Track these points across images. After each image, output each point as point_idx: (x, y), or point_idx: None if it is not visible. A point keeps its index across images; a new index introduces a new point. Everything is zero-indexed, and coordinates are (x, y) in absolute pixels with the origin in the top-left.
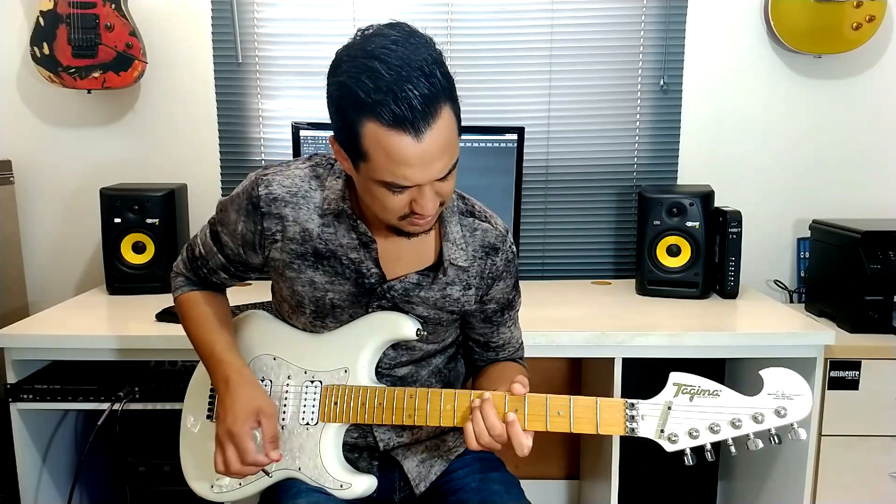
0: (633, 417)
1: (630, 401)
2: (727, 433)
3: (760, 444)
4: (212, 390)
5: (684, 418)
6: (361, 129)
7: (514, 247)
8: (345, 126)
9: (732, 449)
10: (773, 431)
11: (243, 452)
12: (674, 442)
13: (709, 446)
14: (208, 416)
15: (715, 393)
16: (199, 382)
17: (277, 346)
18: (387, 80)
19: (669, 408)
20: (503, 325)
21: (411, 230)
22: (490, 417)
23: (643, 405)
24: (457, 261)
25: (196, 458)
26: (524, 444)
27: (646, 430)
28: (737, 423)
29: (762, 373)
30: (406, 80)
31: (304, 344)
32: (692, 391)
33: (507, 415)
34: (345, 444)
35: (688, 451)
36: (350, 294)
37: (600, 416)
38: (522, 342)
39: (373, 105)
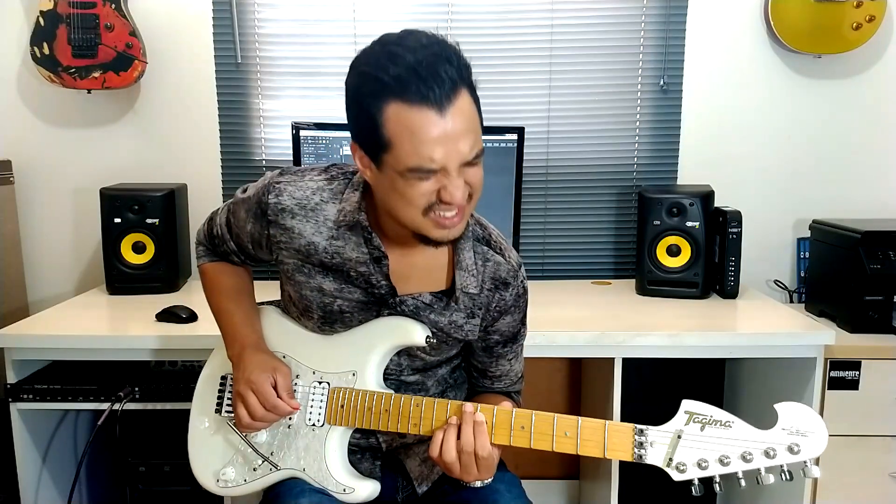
0: (641, 444)
1: (639, 426)
2: (737, 466)
3: (772, 479)
4: (220, 385)
5: (694, 448)
6: (383, 114)
7: (525, 282)
8: (365, 119)
9: (742, 482)
10: (784, 467)
11: (264, 395)
12: (682, 472)
13: (717, 478)
14: (216, 410)
15: (727, 424)
16: (208, 380)
17: (288, 344)
18: (408, 61)
19: (679, 436)
20: (503, 357)
21: (438, 233)
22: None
23: (652, 432)
24: (468, 287)
25: (203, 452)
26: (486, 446)
27: (654, 457)
28: (748, 457)
29: (777, 406)
30: (427, 60)
31: (315, 344)
32: (704, 420)
33: (477, 414)
34: (349, 446)
35: (696, 482)
36: (359, 302)
37: (608, 440)
38: (522, 375)
39: (394, 84)
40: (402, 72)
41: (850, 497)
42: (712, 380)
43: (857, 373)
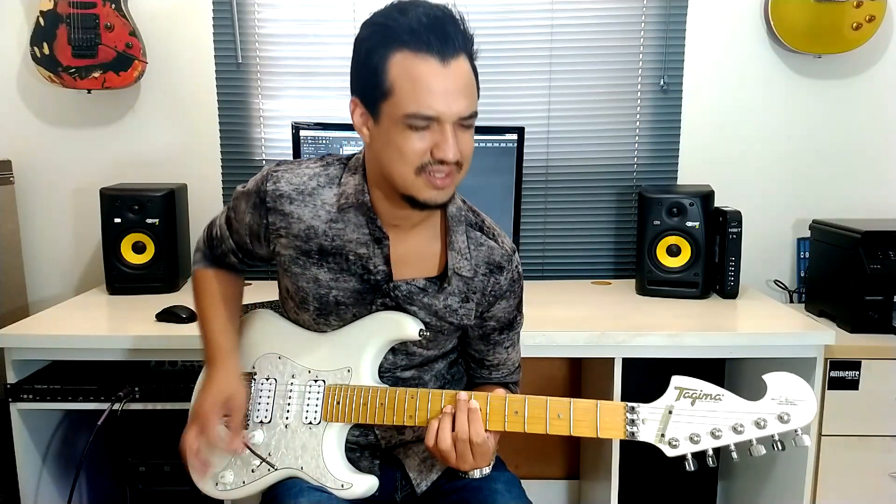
0: (633, 421)
1: (630, 404)
2: (729, 439)
3: (763, 451)
4: None
5: (685, 423)
6: (388, 62)
7: (520, 267)
8: (369, 68)
9: (734, 455)
10: (776, 437)
11: (208, 436)
12: (674, 447)
13: (710, 452)
14: None
15: (717, 397)
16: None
17: (283, 344)
18: (418, 12)
19: (670, 412)
20: (500, 345)
21: (427, 193)
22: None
23: (644, 409)
24: (461, 270)
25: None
26: (481, 433)
27: (646, 434)
28: (739, 429)
29: (765, 377)
30: (436, 16)
31: (309, 343)
32: (694, 395)
33: (471, 402)
34: (347, 443)
35: (689, 457)
36: (355, 291)
37: (600, 419)
38: (520, 365)
39: (403, 33)
40: (413, 22)
41: (850, 497)
42: (712, 380)
43: (857, 373)
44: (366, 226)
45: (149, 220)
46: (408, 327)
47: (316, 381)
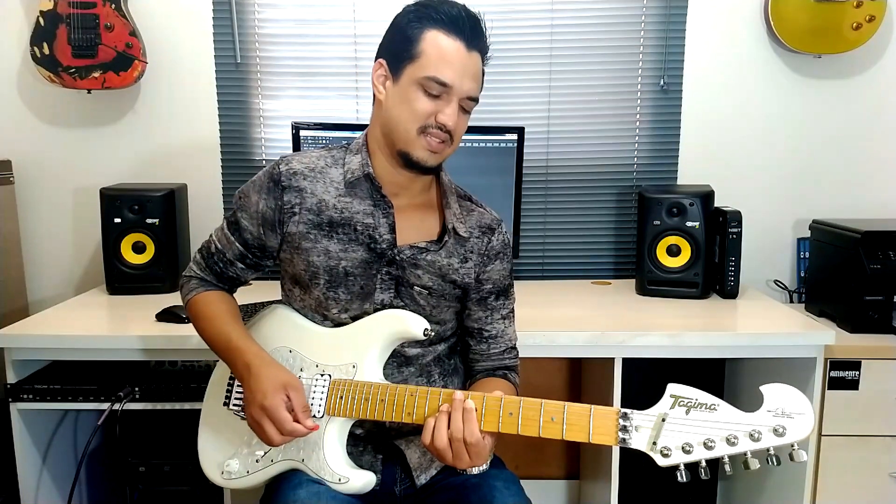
0: (625, 428)
1: (624, 410)
2: (722, 450)
3: (757, 465)
4: (230, 380)
5: (679, 432)
6: (423, 34)
7: (509, 235)
8: (404, 36)
9: (728, 468)
10: (771, 451)
11: (280, 422)
12: (666, 456)
13: (703, 463)
14: (224, 403)
15: (712, 407)
16: (218, 381)
17: (294, 338)
18: (459, 7)
19: (664, 420)
20: (497, 311)
21: (422, 153)
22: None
23: (637, 416)
24: (459, 229)
25: (210, 446)
26: (475, 433)
27: (638, 441)
28: (732, 441)
29: (762, 388)
30: (472, 15)
31: (319, 338)
32: (689, 404)
33: (466, 402)
34: (351, 432)
35: (681, 467)
36: (362, 261)
37: (593, 424)
38: (516, 347)
39: (442, 18)
40: (453, 11)
41: (850, 497)
42: (712, 380)
43: (857, 373)
44: (370, 197)
45: (149, 220)
46: (413, 325)
47: (322, 375)
